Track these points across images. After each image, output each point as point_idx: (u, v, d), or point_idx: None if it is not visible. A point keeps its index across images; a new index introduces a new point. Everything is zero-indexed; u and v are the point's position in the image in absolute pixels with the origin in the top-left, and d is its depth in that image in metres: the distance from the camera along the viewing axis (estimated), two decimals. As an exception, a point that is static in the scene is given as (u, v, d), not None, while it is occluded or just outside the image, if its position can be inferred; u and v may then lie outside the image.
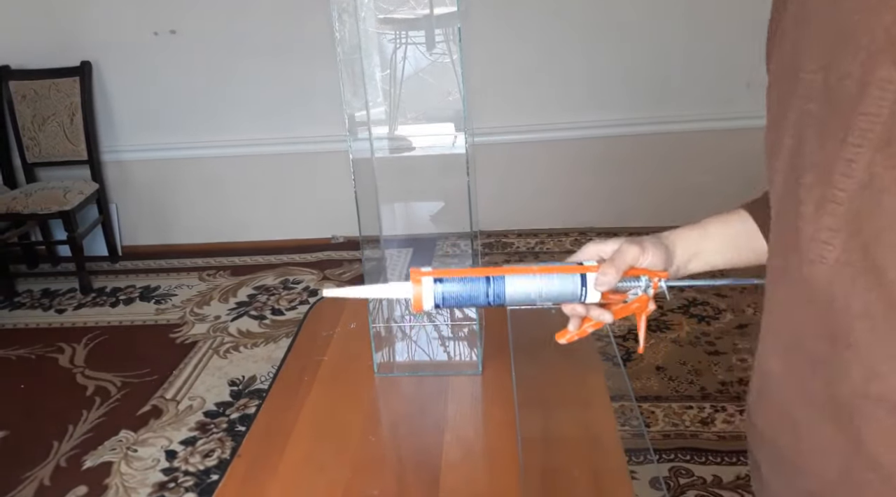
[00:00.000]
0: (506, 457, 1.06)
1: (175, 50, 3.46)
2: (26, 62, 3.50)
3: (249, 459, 1.11)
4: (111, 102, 3.59)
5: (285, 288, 3.30)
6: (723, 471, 2.01)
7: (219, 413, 2.45)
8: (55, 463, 2.27)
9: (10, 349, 2.95)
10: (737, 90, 3.27)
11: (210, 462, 2.22)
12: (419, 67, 1.37)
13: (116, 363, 2.79)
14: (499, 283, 0.80)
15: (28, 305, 3.34)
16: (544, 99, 3.43)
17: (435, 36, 1.33)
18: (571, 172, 3.48)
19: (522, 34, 3.33)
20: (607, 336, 1.44)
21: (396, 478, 1.06)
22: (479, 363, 1.28)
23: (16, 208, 3.26)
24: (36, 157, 3.54)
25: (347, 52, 1.22)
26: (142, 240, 3.81)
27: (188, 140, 3.61)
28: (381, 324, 1.39)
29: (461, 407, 1.20)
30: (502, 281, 0.80)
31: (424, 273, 0.81)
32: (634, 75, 3.34)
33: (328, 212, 3.61)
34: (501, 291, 0.80)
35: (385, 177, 1.35)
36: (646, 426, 2.17)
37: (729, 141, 3.29)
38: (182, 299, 3.28)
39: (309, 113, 3.48)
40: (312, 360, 1.34)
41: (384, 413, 1.24)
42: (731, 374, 2.41)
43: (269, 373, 2.63)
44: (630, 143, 3.41)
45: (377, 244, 1.42)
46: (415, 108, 1.40)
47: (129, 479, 2.18)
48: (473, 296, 0.80)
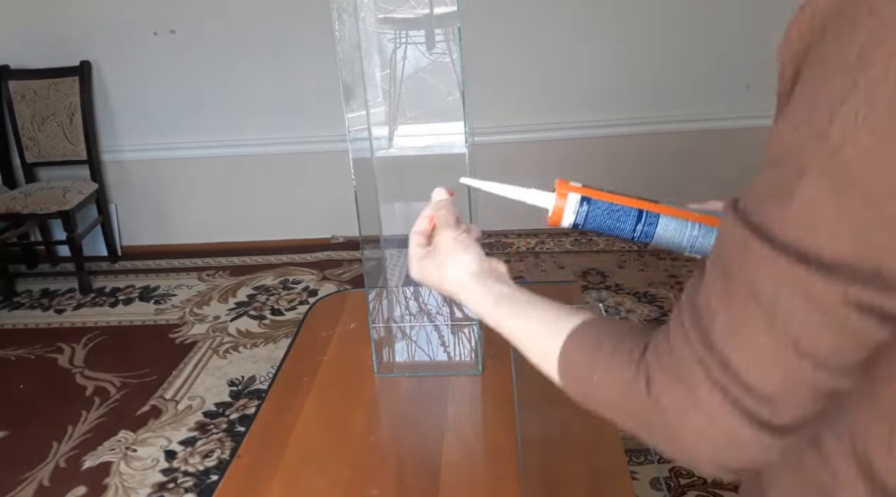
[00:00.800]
0: (506, 457, 1.06)
1: (175, 50, 3.46)
2: (26, 62, 3.50)
3: (249, 460, 1.11)
4: (111, 102, 3.59)
5: (285, 288, 3.30)
6: (723, 471, 2.00)
7: (218, 413, 2.45)
8: (54, 463, 2.27)
9: (10, 349, 2.95)
10: (737, 90, 3.27)
11: (210, 462, 2.22)
12: (419, 67, 1.36)
13: (116, 363, 2.79)
14: (652, 221, 0.74)
15: (27, 305, 3.34)
16: (544, 99, 3.43)
17: (435, 36, 1.32)
18: (571, 172, 3.45)
19: (522, 34, 3.33)
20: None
21: (396, 478, 1.06)
22: (479, 363, 1.28)
23: (15, 208, 3.26)
24: (35, 156, 3.53)
25: (347, 51, 1.22)
26: (141, 240, 3.80)
27: (188, 140, 3.61)
28: (381, 324, 1.39)
29: (461, 407, 1.20)
30: (656, 219, 0.74)
31: (572, 188, 0.74)
32: (634, 75, 3.34)
33: (328, 212, 3.61)
34: (651, 231, 0.74)
35: (385, 177, 1.34)
36: (646, 426, 2.17)
37: (729, 141, 3.29)
38: (181, 299, 3.27)
39: (309, 113, 3.47)
40: (312, 360, 1.34)
41: (384, 413, 1.24)
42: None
43: (268, 373, 2.63)
44: (630, 143, 3.41)
45: (377, 244, 1.41)
46: (415, 108, 1.40)
47: (128, 479, 2.18)
48: (619, 227, 0.74)
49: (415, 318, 1.46)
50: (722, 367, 0.45)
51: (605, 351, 0.54)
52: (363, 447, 1.12)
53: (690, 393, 0.47)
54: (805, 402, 0.45)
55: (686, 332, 0.48)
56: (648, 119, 3.37)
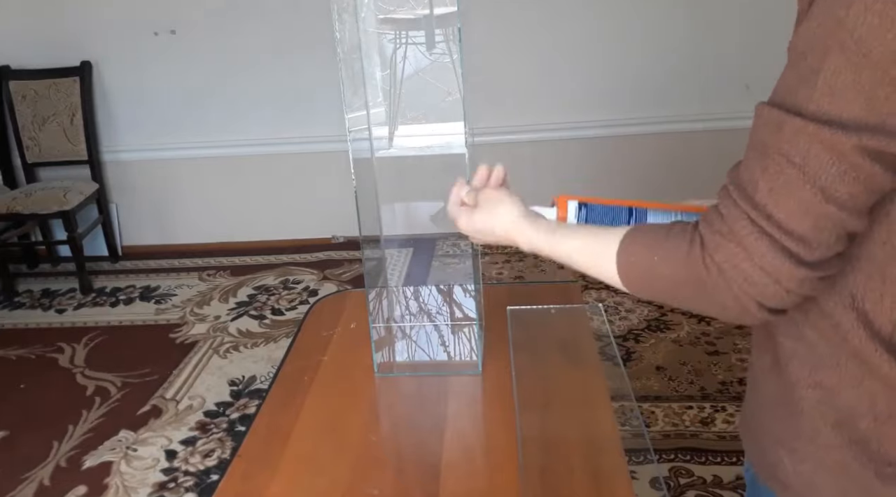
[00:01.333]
0: (506, 457, 1.06)
1: (175, 50, 3.46)
2: (26, 62, 3.50)
3: (249, 459, 1.11)
4: (111, 102, 3.59)
5: (285, 288, 3.30)
6: (723, 471, 2.01)
7: (219, 413, 2.45)
8: (55, 463, 2.27)
9: (10, 349, 2.95)
10: (737, 90, 3.27)
11: (210, 462, 2.22)
12: (419, 67, 1.37)
13: (116, 363, 2.79)
14: (641, 216, 0.84)
15: (28, 305, 3.34)
16: (544, 99, 3.43)
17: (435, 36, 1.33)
18: (571, 172, 3.48)
19: (522, 34, 3.33)
20: (607, 336, 1.44)
21: (396, 478, 1.06)
22: (479, 363, 1.28)
23: (16, 208, 3.26)
24: (36, 157, 3.54)
25: (347, 52, 1.22)
26: (142, 240, 3.81)
27: (188, 140, 3.61)
28: (381, 324, 1.39)
29: (461, 407, 1.20)
30: (645, 214, 0.84)
31: (570, 197, 0.87)
32: (635, 75, 3.33)
33: (328, 212, 3.61)
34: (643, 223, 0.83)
35: (385, 177, 1.35)
36: (646, 426, 2.17)
37: (729, 141, 3.29)
38: (182, 299, 3.27)
39: (309, 113, 3.47)
40: (312, 360, 1.34)
41: (384, 413, 1.24)
42: (731, 373, 2.41)
43: (268, 373, 2.63)
44: (630, 143, 3.41)
45: (377, 244, 1.42)
46: (415, 108, 1.40)
47: (128, 478, 2.18)
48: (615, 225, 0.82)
49: (415, 318, 1.46)
50: (766, 218, 0.59)
51: (661, 236, 0.68)
52: (363, 447, 1.12)
53: (740, 243, 0.61)
54: (830, 241, 0.59)
55: (734, 201, 0.62)
56: (648, 119, 3.37)
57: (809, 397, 0.70)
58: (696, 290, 0.65)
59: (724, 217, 0.63)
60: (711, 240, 0.63)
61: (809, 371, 0.69)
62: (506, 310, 1.43)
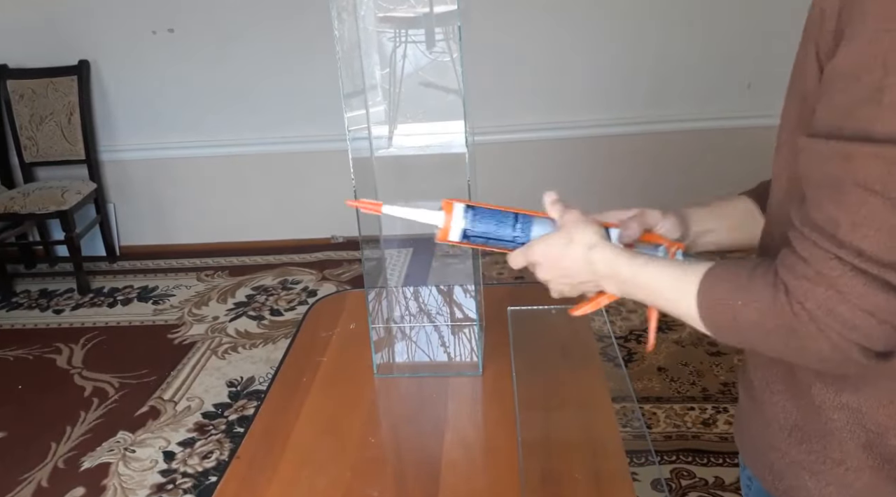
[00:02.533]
0: (506, 457, 1.06)
1: (173, 49, 3.46)
2: (24, 61, 3.49)
3: (248, 461, 1.10)
4: (109, 102, 3.59)
5: (284, 288, 3.29)
6: (725, 472, 2.00)
7: (217, 414, 2.44)
8: (53, 464, 2.26)
9: (8, 350, 2.94)
10: (737, 90, 3.27)
11: (208, 463, 2.21)
12: (419, 66, 1.36)
13: (114, 364, 2.78)
14: (526, 222, 0.83)
15: (25, 306, 3.33)
16: (544, 99, 3.42)
17: (435, 35, 1.32)
18: (571, 172, 3.47)
19: (522, 33, 3.32)
20: (608, 337, 1.43)
21: (396, 478, 1.05)
22: (479, 364, 1.27)
23: (13, 208, 3.25)
24: (34, 156, 3.53)
25: (347, 50, 1.21)
26: (140, 240, 3.80)
27: (186, 139, 3.60)
28: (380, 324, 1.39)
29: (461, 408, 1.19)
30: (530, 221, 0.83)
31: (457, 200, 0.83)
32: (635, 75, 3.33)
33: (328, 212, 3.60)
34: (528, 231, 0.83)
35: (385, 177, 1.34)
36: (647, 427, 2.16)
37: (729, 141, 3.29)
38: (180, 300, 3.27)
39: (309, 112, 3.47)
40: (312, 360, 1.33)
41: (384, 414, 1.23)
42: (733, 374, 2.41)
43: (267, 374, 2.62)
44: (630, 143, 3.41)
45: (377, 244, 1.41)
46: (415, 107, 1.39)
47: (127, 480, 2.17)
48: (500, 231, 0.83)
49: (415, 319, 1.45)
50: (857, 255, 0.54)
51: (743, 280, 0.63)
52: (363, 448, 1.11)
53: (832, 285, 0.55)
54: None
55: (814, 243, 0.57)
56: (649, 119, 3.37)
57: (837, 420, 0.67)
58: (788, 338, 0.60)
59: (808, 260, 0.57)
60: (798, 286, 0.58)
61: (835, 393, 0.67)
62: (506, 310, 1.42)
